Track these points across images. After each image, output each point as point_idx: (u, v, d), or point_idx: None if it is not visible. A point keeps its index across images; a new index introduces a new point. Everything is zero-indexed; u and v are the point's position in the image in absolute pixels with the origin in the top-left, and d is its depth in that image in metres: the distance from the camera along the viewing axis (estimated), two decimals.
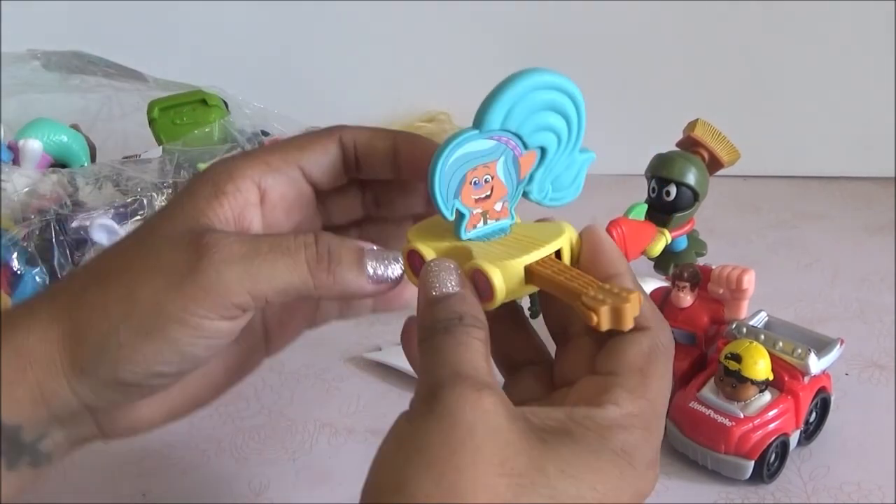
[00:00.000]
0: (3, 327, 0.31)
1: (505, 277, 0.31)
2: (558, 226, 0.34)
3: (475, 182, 0.32)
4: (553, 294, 0.31)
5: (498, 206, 0.33)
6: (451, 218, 0.32)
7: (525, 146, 0.32)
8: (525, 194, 0.34)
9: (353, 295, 0.32)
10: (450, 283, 0.30)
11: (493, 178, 0.33)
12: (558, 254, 0.32)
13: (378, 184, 0.37)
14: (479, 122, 0.31)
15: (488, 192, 0.33)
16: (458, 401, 0.26)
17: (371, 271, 0.32)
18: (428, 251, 0.32)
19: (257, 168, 0.33)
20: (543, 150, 0.33)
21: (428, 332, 0.29)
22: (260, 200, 0.33)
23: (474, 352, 0.28)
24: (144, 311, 0.30)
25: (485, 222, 0.33)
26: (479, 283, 0.31)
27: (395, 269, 0.33)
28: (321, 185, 0.35)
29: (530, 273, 0.31)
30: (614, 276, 0.31)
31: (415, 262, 0.32)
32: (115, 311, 0.30)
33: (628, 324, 0.29)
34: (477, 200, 0.33)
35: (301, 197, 0.35)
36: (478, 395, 0.26)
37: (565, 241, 0.33)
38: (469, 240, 0.33)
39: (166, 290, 0.30)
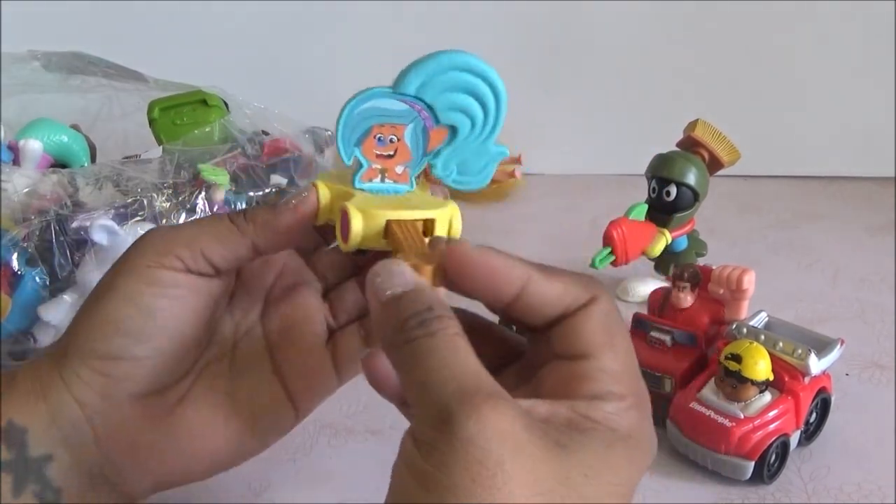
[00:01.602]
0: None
1: (365, 224, 0.32)
2: (446, 203, 0.35)
3: (379, 138, 0.34)
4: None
5: (399, 170, 0.35)
6: (348, 163, 0.34)
7: (437, 121, 0.34)
8: (430, 167, 0.35)
9: (276, 229, 0.34)
10: (401, 282, 0.28)
11: (398, 139, 0.34)
12: (430, 227, 0.34)
13: None
14: (395, 82, 0.33)
15: (391, 153, 0.34)
16: (476, 427, 0.25)
17: (284, 206, 0.34)
18: (323, 189, 0.34)
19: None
20: (455, 130, 0.34)
21: (401, 336, 0.27)
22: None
23: (465, 353, 0.27)
24: (101, 291, 0.34)
25: (382, 180, 0.35)
26: (343, 225, 0.33)
27: (310, 198, 0.34)
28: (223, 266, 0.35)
29: (388, 229, 0.33)
30: (525, 284, 0.30)
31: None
32: (83, 309, 0.34)
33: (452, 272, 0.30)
34: (378, 156, 0.34)
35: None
36: (495, 415, 0.25)
37: (441, 215, 0.34)
38: (360, 189, 0.34)
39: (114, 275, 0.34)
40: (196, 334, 0.35)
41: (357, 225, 0.32)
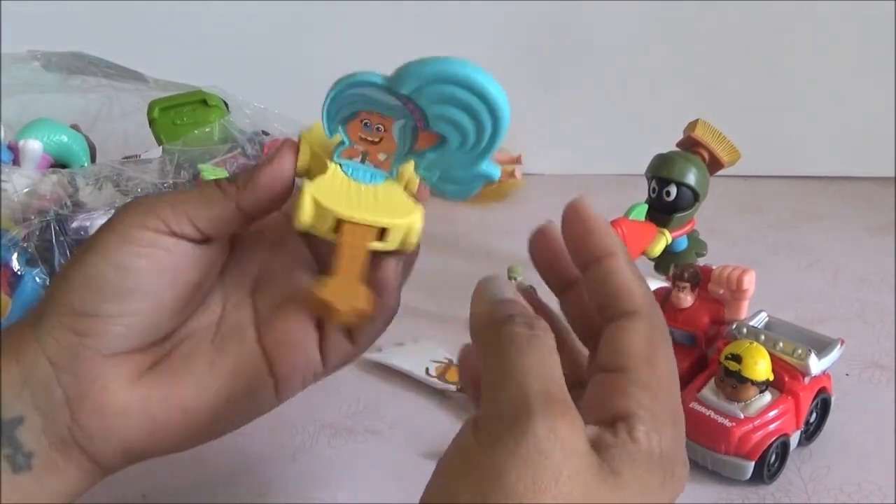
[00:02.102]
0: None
1: (316, 213, 0.33)
2: (411, 209, 0.34)
3: (366, 123, 0.34)
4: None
5: (381, 157, 0.34)
6: (330, 137, 0.34)
7: (427, 125, 0.33)
8: (414, 164, 0.35)
9: (255, 185, 0.34)
10: (512, 292, 0.30)
11: (385, 130, 0.34)
12: (384, 234, 0.34)
13: None
14: (392, 77, 0.32)
15: (376, 140, 0.34)
16: (548, 434, 0.25)
17: (263, 162, 0.34)
18: (305, 147, 0.34)
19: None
20: (444, 139, 0.33)
21: (505, 326, 0.28)
22: None
23: (556, 364, 0.27)
24: (81, 250, 0.34)
25: (363, 161, 0.34)
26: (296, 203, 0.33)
27: (287, 154, 0.34)
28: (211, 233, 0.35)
29: (338, 228, 0.33)
30: (606, 256, 0.30)
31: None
32: (63, 269, 0.34)
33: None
34: (362, 139, 0.34)
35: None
36: (568, 429, 0.25)
37: (397, 226, 0.33)
38: (338, 163, 0.34)
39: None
40: (176, 298, 0.35)
41: (305, 213, 0.33)
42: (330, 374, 0.38)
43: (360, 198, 0.34)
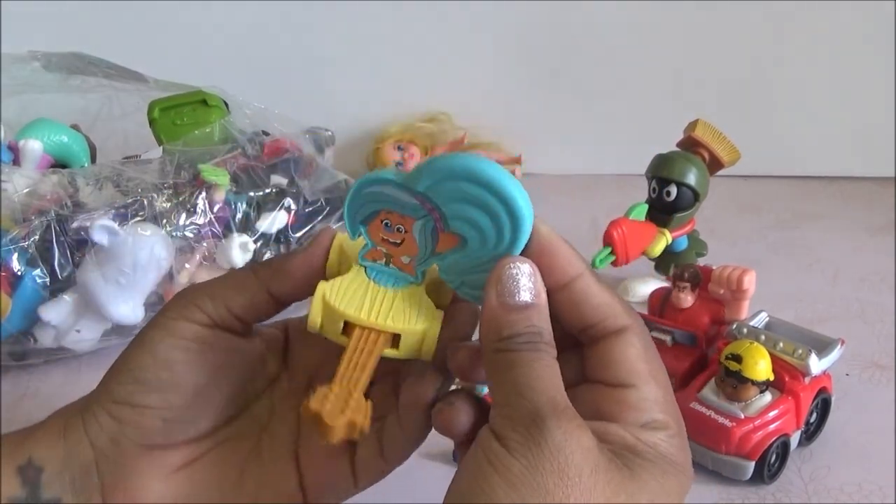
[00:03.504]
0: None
1: (324, 314, 0.32)
2: (429, 316, 0.32)
3: (387, 223, 0.32)
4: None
5: (405, 260, 0.33)
6: (353, 238, 0.33)
7: (447, 226, 0.31)
8: (437, 267, 0.33)
9: (287, 272, 0.34)
10: (529, 291, 0.30)
11: (406, 231, 0.32)
12: (397, 341, 0.32)
13: None
14: (408, 174, 0.30)
15: (398, 241, 0.32)
16: (564, 437, 0.27)
17: (296, 250, 0.34)
18: (338, 241, 0.33)
19: None
20: (464, 241, 0.31)
21: (507, 345, 0.29)
22: None
23: (559, 377, 0.29)
24: (132, 342, 0.34)
25: (387, 264, 0.33)
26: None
27: (321, 243, 0.34)
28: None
29: (347, 331, 0.32)
30: (575, 279, 0.31)
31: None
32: (117, 359, 0.35)
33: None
34: (384, 240, 0.32)
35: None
36: (580, 432, 0.27)
37: (410, 333, 0.32)
38: (363, 265, 0.33)
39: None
40: (217, 395, 0.35)
41: (314, 313, 0.32)
42: (361, 491, 0.37)
43: (377, 302, 0.32)
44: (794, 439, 0.48)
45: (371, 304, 0.32)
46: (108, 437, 0.33)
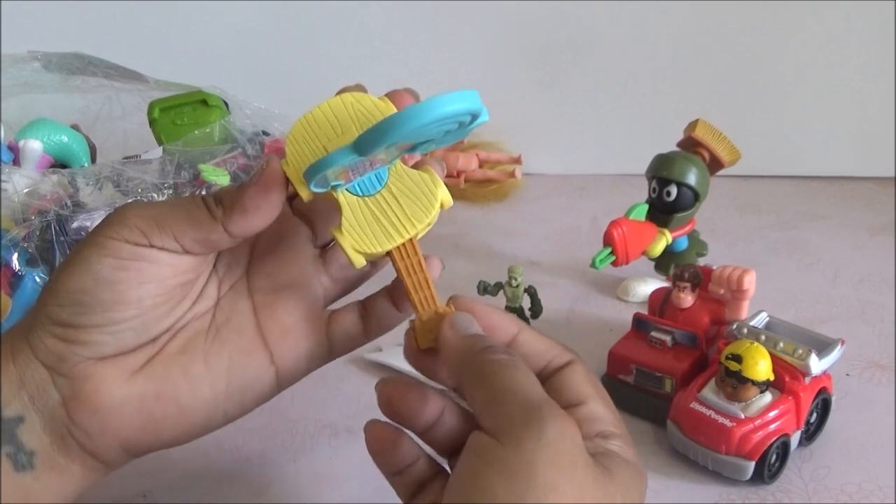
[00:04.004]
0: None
1: (366, 256, 0.34)
2: (431, 185, 0.34)
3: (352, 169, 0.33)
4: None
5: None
6: (315, 191, 0.33)
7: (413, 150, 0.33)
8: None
9: (243, 207, 0.33)
10: (476, 327, 0.34)
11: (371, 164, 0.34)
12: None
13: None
14: (358, 146, 0.30)
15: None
16: (558, 431, 0.28)
17: (248, 181, 0.34)
18: (291, 174, 0.34)
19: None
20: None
21: (485, 354, 0.32)
22: None
23: (537, 381, 0.31)
24: (67, 260, 0.34)
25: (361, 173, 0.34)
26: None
27: (273, 168, 0.34)
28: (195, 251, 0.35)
29: (390, 256, 0.34)
30: (516, 335, 0.35)
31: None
32: (51, 278, 0.34)
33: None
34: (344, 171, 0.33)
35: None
36: (571, 426, 0.29)
37: (434, 214, 0.34)
38: (343, 192, 0.34)
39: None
40: (163, 303, 0.35)
41: (359, 262, 0.34)
42: (334, 359, 0.38)
43: (389, 215, 0.34)
44: (795, 439, 0.48)
45: (389, 222, 0.34)
46: (57, 357, 0.33)
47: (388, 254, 0.34)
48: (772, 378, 0.47)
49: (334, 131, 0.34)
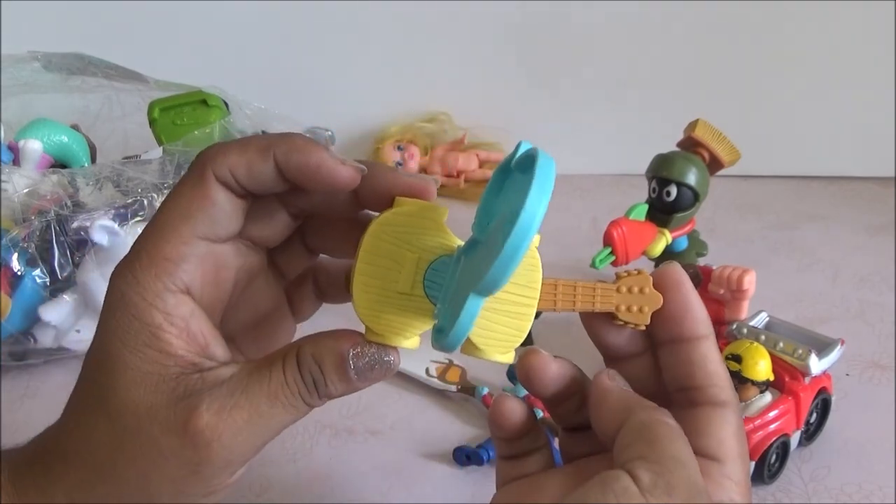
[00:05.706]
0: None
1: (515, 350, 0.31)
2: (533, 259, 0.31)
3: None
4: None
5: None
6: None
7: None
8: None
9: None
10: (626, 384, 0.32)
11: None
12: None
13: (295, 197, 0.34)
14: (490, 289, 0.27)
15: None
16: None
17: (354, 375, 0.33)
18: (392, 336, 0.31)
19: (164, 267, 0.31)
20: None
21: (652, 412, 0.30)
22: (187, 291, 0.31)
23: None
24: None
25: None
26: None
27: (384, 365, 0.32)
28: (222, 236, 0.32)
29: (551, 306, 0.32)
30: (700, 339, 0.31)
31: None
32: None
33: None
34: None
35: (218, 261, 0.32)
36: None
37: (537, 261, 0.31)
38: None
39: (174, 483, 0.31)
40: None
41: (511, 358, 0.31)
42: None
43: (499, 297, 0.31)
44: (795, 439, 0.48)
45: (507, 299, 0.31)
46: None
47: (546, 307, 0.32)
48: (772, 378, 0.47)
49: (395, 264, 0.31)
